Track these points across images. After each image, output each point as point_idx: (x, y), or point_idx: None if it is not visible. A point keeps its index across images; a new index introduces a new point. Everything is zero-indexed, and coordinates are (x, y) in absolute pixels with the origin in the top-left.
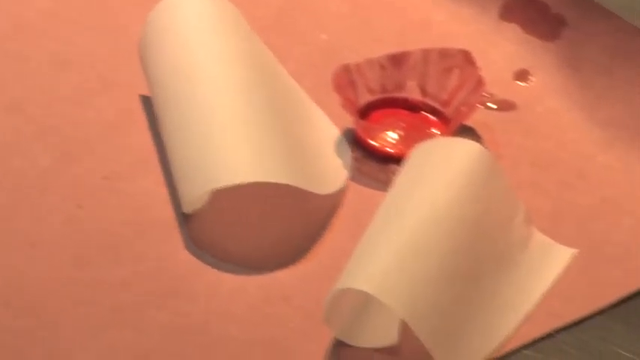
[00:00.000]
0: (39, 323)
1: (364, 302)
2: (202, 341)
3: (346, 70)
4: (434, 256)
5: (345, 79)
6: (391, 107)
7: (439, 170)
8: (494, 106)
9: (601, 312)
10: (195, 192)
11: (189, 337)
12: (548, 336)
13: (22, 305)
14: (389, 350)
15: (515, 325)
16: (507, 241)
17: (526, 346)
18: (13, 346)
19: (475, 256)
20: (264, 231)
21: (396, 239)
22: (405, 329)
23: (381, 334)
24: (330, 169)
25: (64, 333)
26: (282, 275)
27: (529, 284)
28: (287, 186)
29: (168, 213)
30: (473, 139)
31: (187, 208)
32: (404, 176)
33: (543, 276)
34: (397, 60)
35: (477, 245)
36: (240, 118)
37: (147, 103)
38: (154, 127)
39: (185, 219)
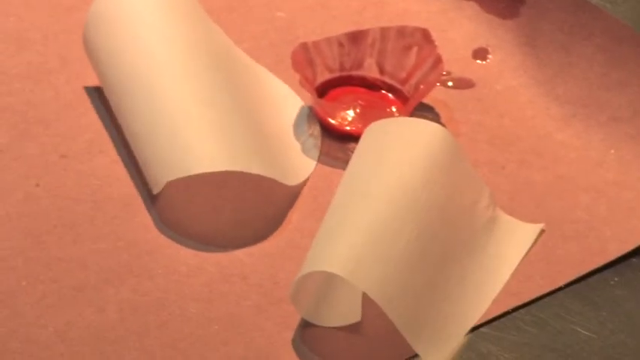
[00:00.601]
0: None
1: (327, 282)
2: (161, 319)
3: (304, 48)
4: (402, 240)
5: (303, 58)
6: (349, 85)
7: (403, 151)
8: (453, 84)
9: (558, 289)
10: (165, 178)
11: (147, 315)
12: (506, 314)
13: None
14: (352, 328)
15: (485, 307)
16: (473, 225)
17: (484, 324)
18: None
19: (442, 241)
20: (226, 212)
21: (363, 221)
22: (366, 308)
23: (344, 313)
24: (297, 157)
25: (22, 311)
26: (240, 254)
27: (497, 266)
28: (256, 174)
29: (125, 191)
30: (431, 117)
31: (156, 190)
32: (364, 154)
33: (510, 256)
34: (355, 38)
35: (444, 230)
36: (205, 102)
37: None
38: (110, 107)
39: (150, 197)
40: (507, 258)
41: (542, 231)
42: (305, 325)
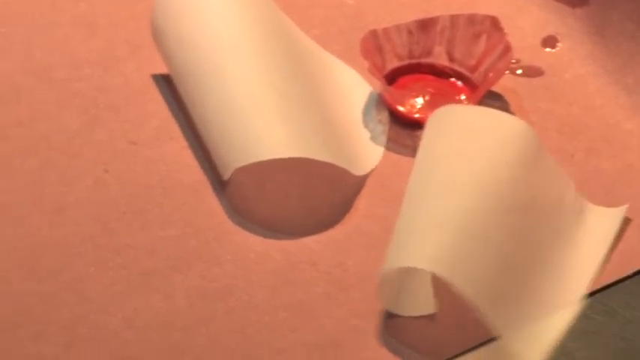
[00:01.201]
0: (65, 287)
1: (408, 274)
2: (228, 305)
3: (373, 35)
4: (495, 239)
5: (373, 45)
6: (418, 73)
7: (486, 147)
8: (521, 72)
9: (627, 278)
10: (236, 164)
11: (215, 302)
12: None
13: (48, 269)
14: (428, 317)
15: (581, 292)
16: (561, 219)
17: None
18: (38, 309)
19: (530, 238)
20: (294, 198)
21: (454, 216)
22: (441, 298)
23: (423, 303)
24: (365, 146)
25: (90, 297)
26: (308, 241)
27: (587, 255)
28: (325, 162)
29: (194, 178)
30: (500, 105)
31: (226, 176)
32: (441, 142)
33: (600, 243)
34: (425, 25)
35: (531, 228)
36: (275, 89)
37: None
38: (179, 94)
39: (219, 184)
40: (597, 245)
41: (629, 220)
42: (375, 313)
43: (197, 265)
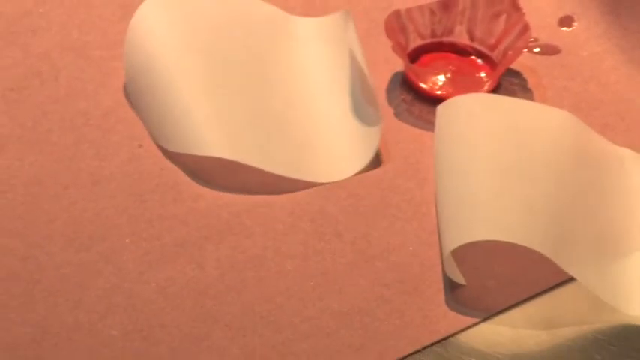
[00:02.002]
0: (100, 257)
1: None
2: (259, 275)
3: (397, 15)
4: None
5: (397, 24)
6: (440, 51)
7: (539, 144)
8: (539, 51)
9: None
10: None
11: (245, 271)
12: None
13: (84, 240)
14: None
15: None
16: (620, 178)
17: None
18: (76, 279)
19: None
20: None
21: (510, 195)
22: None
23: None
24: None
25: (125, 267)
26: (334, 213)
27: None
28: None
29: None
30: (518, 82)
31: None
32: (490, 131)
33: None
34: (446, 6)
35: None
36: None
37: None
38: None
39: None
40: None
41: None
42: (398, 282)
43: (228, 237)
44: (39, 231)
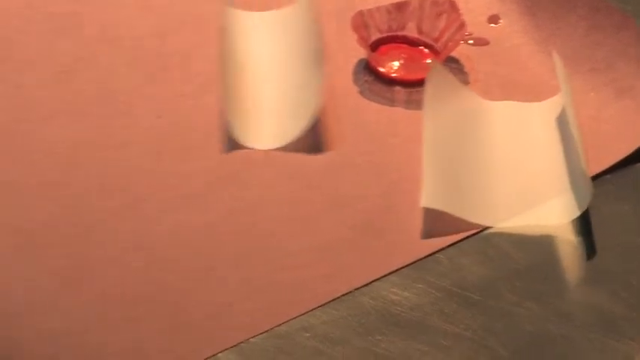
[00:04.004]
0: (125, 203)
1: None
2: (252, 220)
3: (361, 14)
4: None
5: (360, 22)
6: (395, 43)
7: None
8: (473, 42)
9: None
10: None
11: (244, 217)
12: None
13: (112, 189)
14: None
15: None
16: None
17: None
18: (105, 223)
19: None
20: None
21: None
22: None
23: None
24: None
25: (144, 214)
26: (309, 170)
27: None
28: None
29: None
30: (457, 67)
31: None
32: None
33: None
34: (400, 7)
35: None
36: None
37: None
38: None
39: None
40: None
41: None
42: (365, 223)
43: (229, 187)
44: (78, 184)
